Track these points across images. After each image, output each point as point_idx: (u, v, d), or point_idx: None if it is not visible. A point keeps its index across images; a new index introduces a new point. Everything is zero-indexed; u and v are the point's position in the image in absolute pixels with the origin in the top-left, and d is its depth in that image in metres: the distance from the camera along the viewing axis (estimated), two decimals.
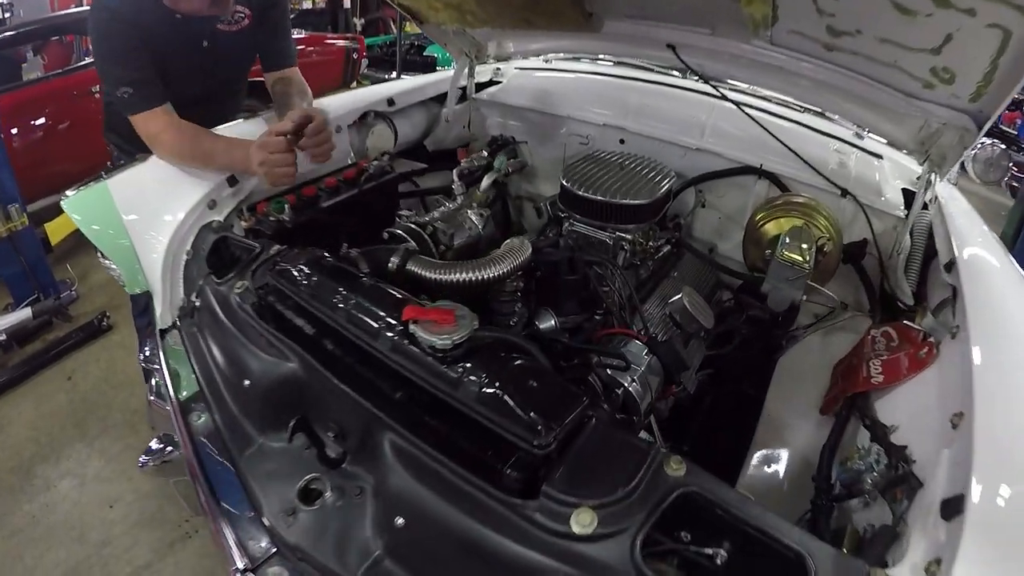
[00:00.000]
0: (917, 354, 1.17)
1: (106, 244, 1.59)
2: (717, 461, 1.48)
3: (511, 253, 1.20)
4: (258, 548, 0.98)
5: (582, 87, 2.13)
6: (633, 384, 1.16)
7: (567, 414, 0.80)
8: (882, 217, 1.60)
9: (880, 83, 1.37)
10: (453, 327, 0.87)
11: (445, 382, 0.85)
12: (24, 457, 2.36)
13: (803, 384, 1.47)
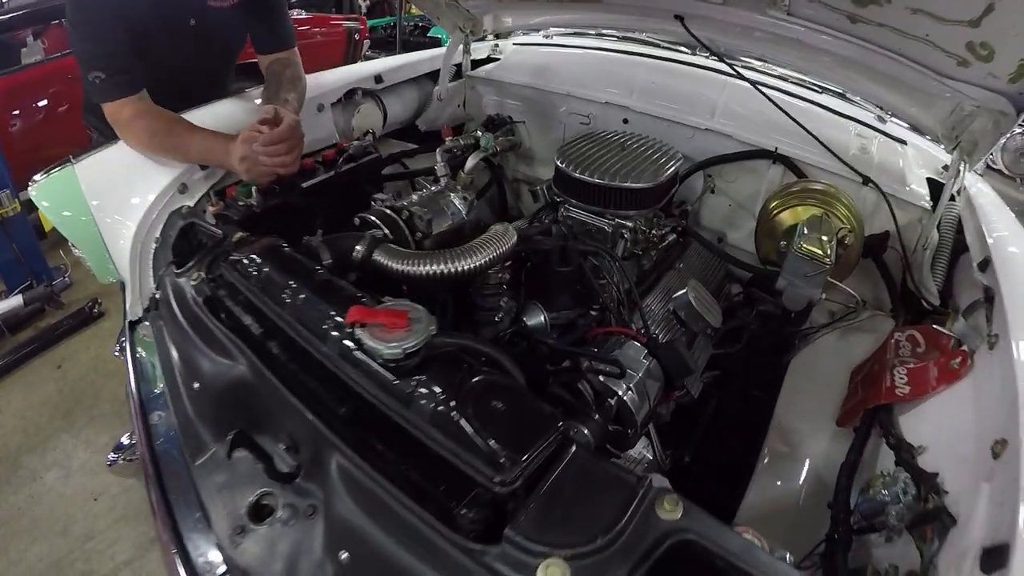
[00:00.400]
0: (948, 364, 1.04)
1: (73, 232, 1.51)
2: (721, 472, 1.38)
3: (490, 242, 1.08)
4: (207, 566, 0.91)
5: (584, 63, 1.99)
6: (629, 393, 1.04)
7: (537, 443, 0.67)
8: (906, 208, 1.46)
9: (909, 60, 1.23)
10: (405, 332, 0.75)
11: (394, 398, 0.73)
12: (11, 448, 2.32)
13: (817, 389, 1.36)
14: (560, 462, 0.67)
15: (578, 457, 0.68)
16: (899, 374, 1.12)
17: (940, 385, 1.03)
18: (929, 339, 1.20)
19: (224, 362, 1.05)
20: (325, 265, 1.11)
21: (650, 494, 0.65)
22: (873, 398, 1.12)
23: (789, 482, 1.15)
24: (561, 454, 0.68)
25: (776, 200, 1.50)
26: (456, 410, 0.69)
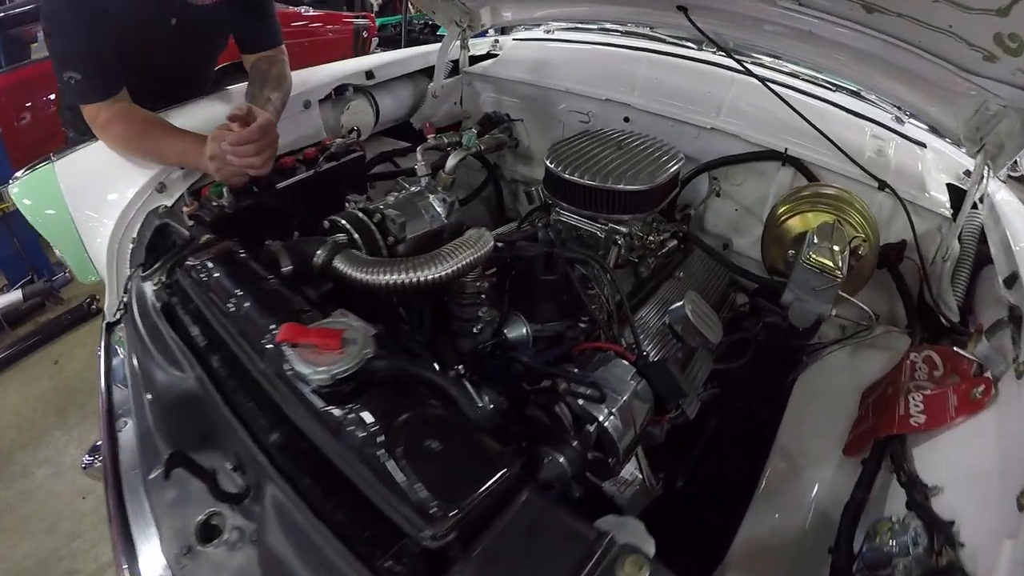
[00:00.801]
0: (970, 393, 0.94)
1: (52, 231, 1.48)
2: (717, 498, 1.28)
3: (459, 249, 1.00)
4: None
5: (584, 58, 1.90)
6: (611, 419, 0.95)
7: (476, 491, 0.58)
8: (925, 216, 1.35)
9: (929, 54, 1.12)
10: (337, 355, 0.66)
11: (322, 427, 0.65)
12: (5, 443, 2.32)
13: (825, 410, 1.25)
14: (508, 511, 0.58)
15: (530, 506, 0.59)
16: (914, 401, 1.02)
17: (960, 416, 0.92)
18: (948, 361, 1.09)
19: (176, 373, 1.00)
20: (285, 272, 1.04)
21: (610, 554, 0.56)
22: (885, 427, 1.02)
23: (788, 516, 1.05)
24: (510, 503, 0.59)
25: (785, 205, 1.39)
26: (384, 447, 0.60)
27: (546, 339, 1.28)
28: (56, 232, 1.44)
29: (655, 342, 1.26)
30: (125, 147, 1.40)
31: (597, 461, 0.97)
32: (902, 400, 1.03)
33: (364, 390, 0.68)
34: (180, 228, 1.30)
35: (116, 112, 1.38)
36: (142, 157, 1.41)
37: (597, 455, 0.97)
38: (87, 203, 1.41)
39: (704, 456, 1.37)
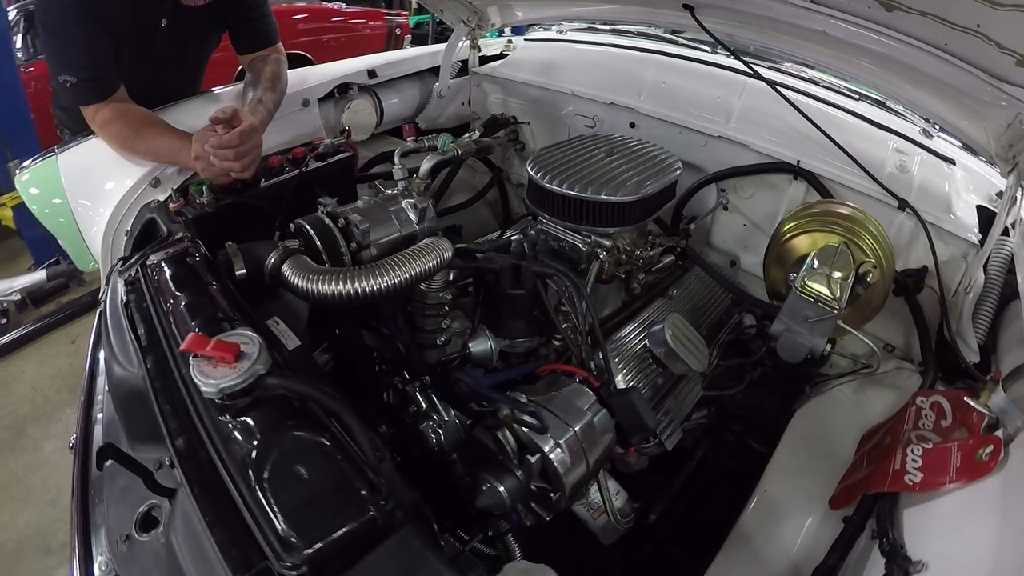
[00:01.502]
0: (975, 452, 0.81)
1: (52, 221, 1.53)
2: (691, 537, 1.18)
3: (407, 259, 0.94)
4: (102, 564, 0.92)
5: (592, 60, 1.81)
6: (557, 451, 0.88)
7: (336, 528, 0.55)
8: (949, 240, 1.20)
9: (956, 58, 0.99)
10: (230, 369, 0.64)
11: (212, 439, 0.64)
12: (19, 416, 2.41)
13: (820, 451, 1.15)
14: (381, 549, 0.55)
15: (403, 547, 0.55)
16: (913, 454, 0.90)
17: (960, 480, 0.80)
18: (958, 408, 0.96)
19: (130, 369, 1.00)
20: (239, 275, 1.02)
21: None
22: (876, 482, 0.91)
23: (758, 569, 0.95)
24: (386, 538, 0.56)
25: (791, 222, 1.27)
26: (252, 468, 0.58)
27: (518, 355, 1.22)
28: (56, 221, 1.48)
29: (633, 367, 1.17)
30: (121, 145, 1.42)
31: (542, 492, 0.90)
32: (900, 452, 0.91)
33: (258, 406, 0.65)
34: (163, 224, 1.31)
35: (112, 112, 1.40)
36: (137, 155, 1.42)
37: (542, 486, 0.90)
38: (85, 194, 1.44)
39: (684, 490, 1.27)
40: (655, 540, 1.17)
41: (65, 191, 1.48)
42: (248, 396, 0.64)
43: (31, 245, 3.05)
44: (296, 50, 4.31)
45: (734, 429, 1.40)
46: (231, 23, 1.62)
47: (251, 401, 0.65)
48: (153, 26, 1.51)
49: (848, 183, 1.31)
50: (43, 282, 2.91)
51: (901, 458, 0.90)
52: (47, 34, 1.40)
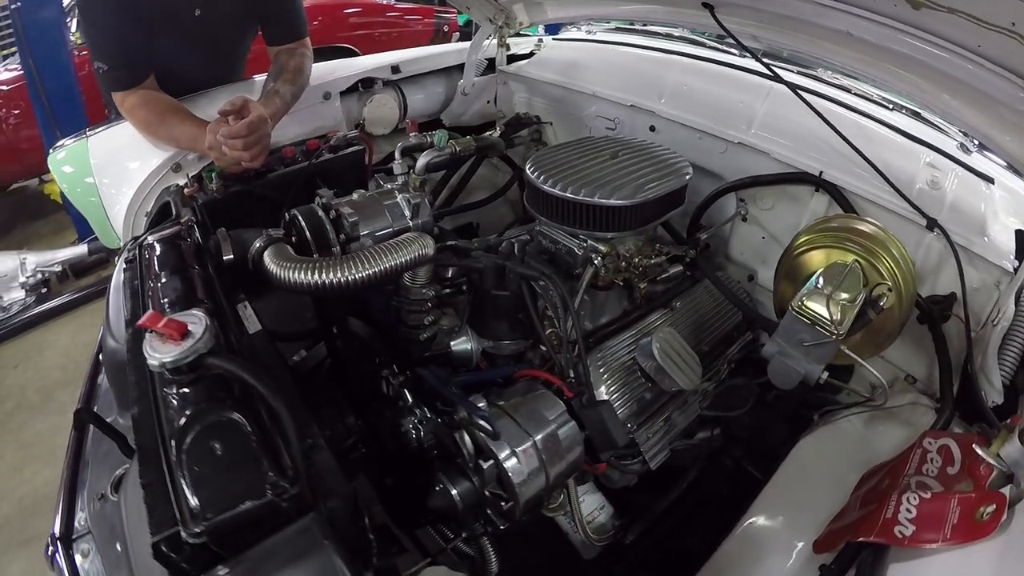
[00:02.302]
0: (976, 511, 0.72)
1: (80, 199, 1.63)
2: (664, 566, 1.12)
3: (385, 251, 0.94)
4: (81, 520, 1.04)
5: (614, 61, 1.76)
6: (512, 459, 0.85)
7: (233, 504, 0.57)
8: (980, 266, 1.09)
9: (991, 63, 0.88)
10: (174, 346, 0.66)
11: (161, 408, 0.68)
12: (49, 381, 2.59)
13: (817, 485, 1.06)
14: (287, 531, 0.57)
15: (306, 534, 0.57)
16: (908, 503, 0.81)
17: (954, 540, 0.72)
18: (967, 455, 0.86)
19: (119, 342, 1.06)
20: (226, 260, 1.05)
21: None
22: (864, 529, 0.83)
23: None
24: (293, 522, 0.58)
25: (806, 235, 1.18)
26: (177, 439, 0.62)
27: (504, 358, 1.20)
28: (86, 200, 1.59)
29: (619, 379, 1.13)
30: (146, 130, 1.50)
31: (497, 499, 0.88)
32: (894, 499, 0.83)
33: (199, 383, 0.69)
34: (176, 207, 1.38)
35: (140, 99, 1.48)
36: (160, 140, 1.50)
37: (498, 493, 0.88)
38: (111, 175, 1.54)
39: (669, 513, 1.21)
40: (628, 562, 1.11)
41: (93, 171, 1.58)
42: (193, 372, 0.67)
43: (76, 220, 3.27)
44: (344, 43, 4.42)
45: (733, 453, 1.32)
46: (261, 14, 1.68)
47: (195, 377, 0.68)
48: (187, 15, 1.58)
49: (873, 198, 1.20)
50: (84, 256, 3.14)
51: (895, 506, 0.81)
52: (85, 22, 1.50)
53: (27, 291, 2.99)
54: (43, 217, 3.99)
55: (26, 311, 2.93)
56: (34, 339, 2.85)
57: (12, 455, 2.25)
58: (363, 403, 1.17)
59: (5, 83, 3.51)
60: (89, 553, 0.98)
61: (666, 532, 1.18)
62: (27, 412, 2.44)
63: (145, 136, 1.52)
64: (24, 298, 2.97)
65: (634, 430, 1.11)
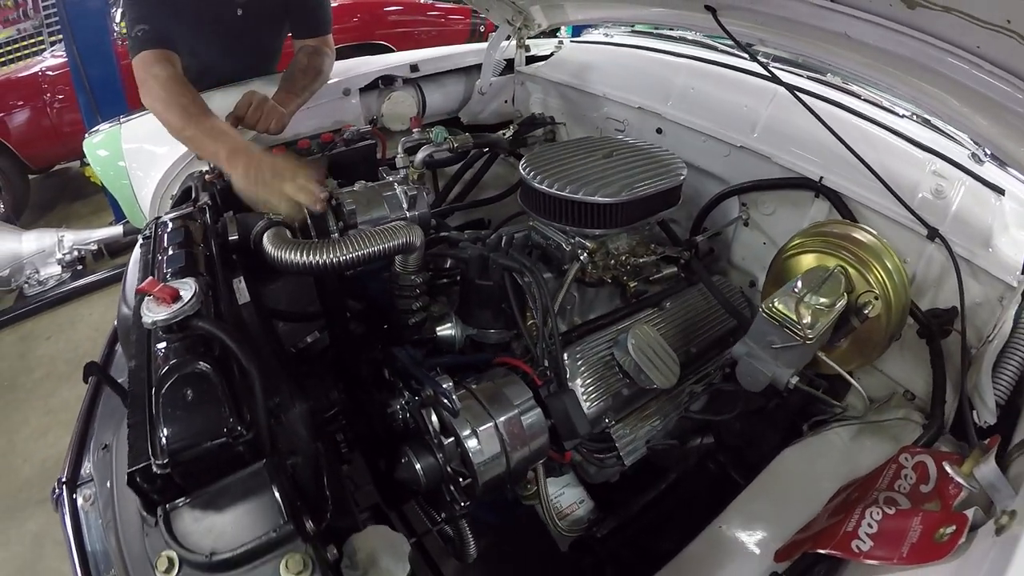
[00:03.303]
0: (936, 533, 0.70)
1: (113, 182, 1.75)
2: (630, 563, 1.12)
3: (372, 237, 0.98)
4: (87, 468, 1.12)
5: (626, 63, 1.76)
6: (472, 439, 0.87)
7: (198, 442, 0.64)
8: (984, 280, 1.04)
9: (990, 64, 0.85)
10: (167, 307, 0.73)
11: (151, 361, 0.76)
12: (80, 353, 2.73)
13: (792, 496, 1.04)
14: (241, 472, 0.65)
15: (257, 476, 0.64)
16: (871, 518, 0.79)
17: (909, 560, 0.70)
18: (941, 475, 0.83)
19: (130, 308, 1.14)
20: (232, 241, 1.11)
21: (284, 546, 0.59)
22: (823, 540, 0.81)
23: None
24: (247, 465, 0.65)
25: (798, 239, 1.17)
26: (157, 385, 0.69)
27: (490, 346, 1.22)
28: (118, 182, 1.70)
29: (596, 373, 1.13)
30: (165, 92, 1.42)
31: (457, 475, 0.90)
32: (858, 512, 0.81)
33: (185, 340, 0.75)
34: (196, 191, 1.46)
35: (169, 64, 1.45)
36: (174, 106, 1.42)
37: (460, 470, 0.90)
38: (140, 160, 1.65)
39: (644, 512, 1.20)
40: (597, 556, 1.11)
41: (125, 156, 1.68)
42: (181, 332, 0.74)
43: (113, 203, 3.38)
44: (383, 41, 4.52)
45: (719, 458, 1.30)
46: (290, 8, 1.74)
47: (182, 336, 0.75)
48: (230, 14, 1.66)
49: (874, 205, 1.17)
50: (119, 236, 3.30)
51: (857, 519, 0.79)
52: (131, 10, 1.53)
53: (63, 267, 3.16)
54: (83, 198, 4.21)
55: (61, 286, 3.10)
56: (67, 313, 3.02)
57: (38, 420, 2.39)
58: (354, 383, 1.21)
59: (52, 69, 3.74)
60: (91, 498, 1.05)
61: (640, 530, 1.17)
62: (56, 381, 2.58)
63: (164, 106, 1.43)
64: (60, 273, 3.15)
65: (610, 424, 1.11)
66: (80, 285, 3.12)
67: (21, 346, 2.82)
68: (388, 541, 0.68)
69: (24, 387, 2.57)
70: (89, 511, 1.08)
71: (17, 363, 2.71)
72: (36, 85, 3.71)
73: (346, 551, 0.69)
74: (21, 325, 2.95)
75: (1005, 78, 0.87)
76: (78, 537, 1.02)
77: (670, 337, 1.21)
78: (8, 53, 4.35)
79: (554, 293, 1.15)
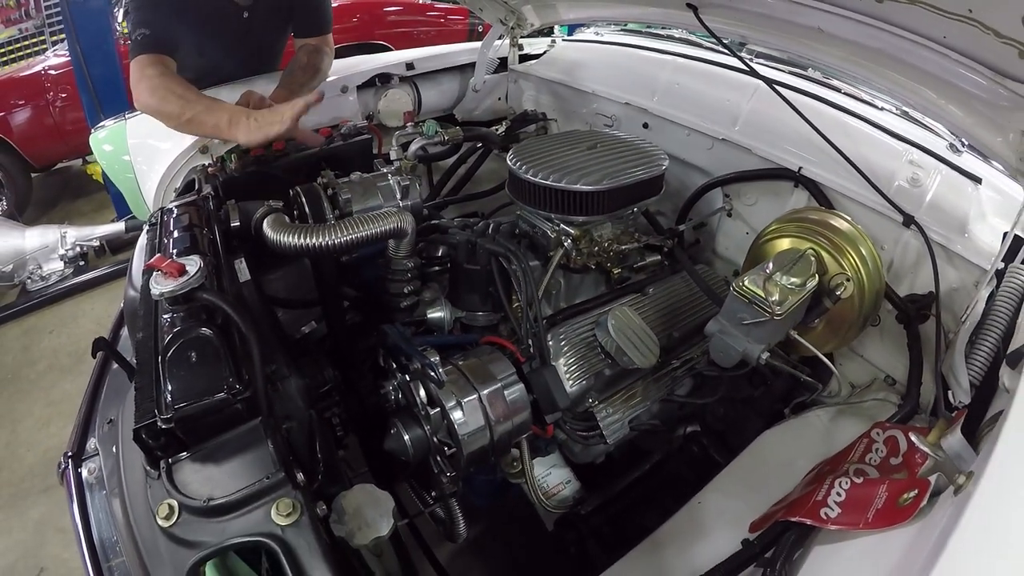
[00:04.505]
0: (899, 498, 0.73)
1: (118, 176, 1.80)
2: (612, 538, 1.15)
3: (365, 221, 1.02)
4: (91, 444, 1.17)
5: (614, 61, 1.81)
6: (457, 410, 0.91)
7: (200, 399, 0.70)
8: (960, 265, 1.08)
9: (958, 53, 0.89)
10: (174, 281, 0.78)
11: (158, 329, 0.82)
12: (81, 347, 2.76)
13: (771, 473, 1.08)
14: (238, 429, 0.70)
15: (253, 432, 0.70)
16: (839, 487, 0.82)
17: (875, 524, 0.73)
18: (910, 447, 0.86)
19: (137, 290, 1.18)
20: (233, 227, 1.16)
21: (275, 492, 0.64)
22: (794, 509, 0.84)
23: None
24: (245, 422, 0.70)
25: (775, 225, 1.21)
26: (163, 350, 0.74)
27: (479, 328, 1.25)
28: (123, 176, 1.75)
29: (578, 353, 1.16)
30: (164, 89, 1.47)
31: (443, 446, 0.93)
32: (828, 483, 0.84)
33: (191, 310, 0.80)
34: (199, 183, 1.50)
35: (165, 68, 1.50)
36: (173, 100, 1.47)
37: (446, 441, 0.94)
38: (145, 154, 1.69)
39: (627, 491, 1.23)
40: (579, 532, 1.15)
41: (130, 150, 1.73)
42: (186, 303, 0.79)
43: (115, 199, 3.49)
44: (382, 41, 4.58)
45: (702, 441, 1.33)
46: (299, 10, 1.79)
47: (187, 307, 0.80)
48: (235, 14, 1.70)
49: (851, 194, 1.21)
50: (121, 233, 3.35)
51: (827, 489, 0.83)
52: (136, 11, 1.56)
53: (66, 263, 3.21)
54: (85, 195, 4.26)
55: (64, 281, 3.15)
56: (70, 308, 3.06)
57: (41, 411, 2.43)
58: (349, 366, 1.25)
59: (54, 68, 3.79)
60: (95, 471, 1.09)
61: (623, 508, 1.21)
62: (58, 373, 2.62)
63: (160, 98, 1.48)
64: (63, 269, 3.19)
65: (594, 404, 1.15)
66: (82, 281, 3.16)
67: (24, 339, 2.86)
68: (373, 498, 0.72)
69: (28, 379, 2.61)
70: (94, 484, 1.13)
71: (21, 356, 2.75)
72: (39, 84, 3.76)
73: (334, 508, 0.73)
74: (24, 319, 3.00)
75: (971, 66, 0.91)
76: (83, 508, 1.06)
77: (653, 321, 1.25)
78: (10, 52, 4.41)
79: (539, 278, 1.19)
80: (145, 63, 1.49)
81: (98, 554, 0.94)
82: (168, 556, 0.62)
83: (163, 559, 0.63)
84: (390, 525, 0.70)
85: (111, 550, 0.93)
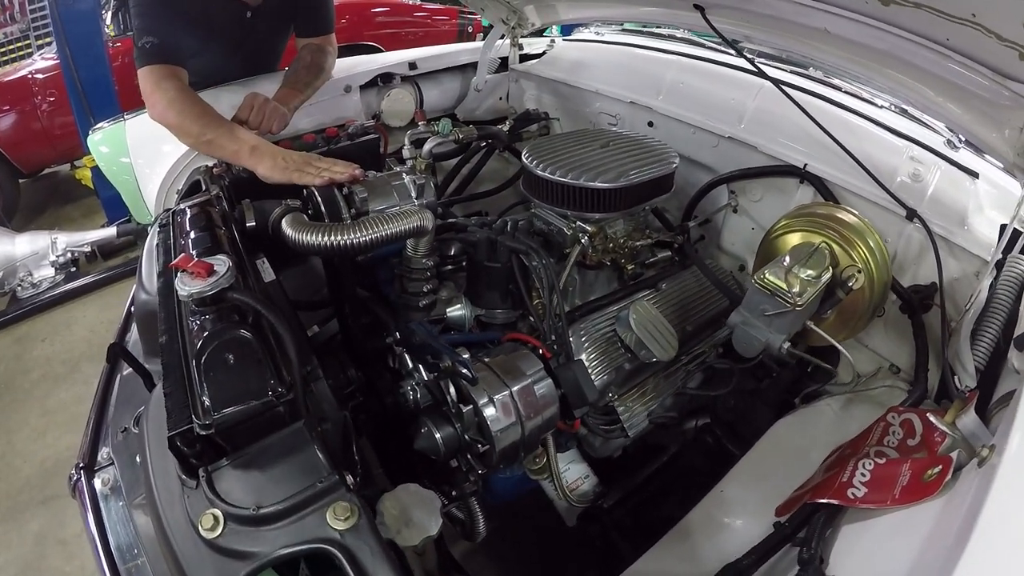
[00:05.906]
0: (924, 474, 0.77)
1: (116, 177, 1.78)
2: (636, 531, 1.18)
3: (387, 220, 1.03)
4: (103, 453, 1.15)
5: (617, 60, 1.84)
6: (489, 406, 0.92)
7: (241, 404, 0.68)
8: (961, 257, 1.13)
9: (960, 55, 0.93)
10: (202, 281, 0.77)
11: (185, 332, 0.80)
12: (76, 353, 2.73)
13: (789, 460, 1.11)
14: (281, 432, 0.68)
15: (298, 435, 0.68)
16: (863, 468, 0.86)
17: (902, 500, 0.76)
18: (926, 428, 0.90)
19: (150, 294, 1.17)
20: (249, 227, 1.16)
21: (329, 495, 0.62)
22: (820, 491, 0.87)
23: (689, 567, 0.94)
24: (287, 424, 0.69)
25: (785, 220, 1.24)
26: (197, 353, 0.72)
27: (497, 326, 1.27)
28: (122, 178, 1.73)
29: (599, 348, 1.19)
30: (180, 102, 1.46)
31: (475, 443, 0.95)
32: (852, 464, 0.87)
33: (219, 311, 0.79)
34: (205, 184, 1.50)
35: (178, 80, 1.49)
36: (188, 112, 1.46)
37: (477, 439, 0.95)
38: (145, 156, 1.67)
39: (647, 483, 1.26)
40: (603, 524, 1.17)
41: (130, 152, 1.71)
42: (215, 304, 0.78)
43: (106, 204, 3.44)
44: (371, 42, 4.57)
45: (715, 432, 1.36)
46: (301, 10, 1.78)
47: (217, 308, 0.78)
48: (240, 15, 1.69)
49: (856, 189, 1.25)
50: (112, 238, 3.29)
51: (851, 471, 0.86)
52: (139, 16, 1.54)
53: (57, 269, 3.15)
54: (74, 201, 4.18)
55: (55, 288, 3.09)
56: (62, 315, 3.01)
57: (36, 421, 2.38)
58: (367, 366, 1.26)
59: (41, 72, 3.71)
60: (109, 482, 1.07)
61: (643, 500, 1.23)
62: (52, 382, 2.58)
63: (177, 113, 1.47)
64: (54, 276, 3.13)
65: (613, 399, 1.18)
66: (74, 287, 3.11)
67: (17, 348, 2.81)
68: (420, 498, 0.73)
69: (22, 388, 2.56)
70: (109, 495, 1.12)
71: (13, 365, 2.70)
72: (25, 88, 3.68)
73: (379, 510, 0.74)
74: (16, 327, 2.93)
75: (972, 67, 0.95)
76: (98, 521, 1.05)
77: (667, 316, 1.27)
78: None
79: (557, 275, 1.21)
80: (160, 75, 1.48)
81: (117, 567, 0.93)
82: (215, 569, 0.60)
83: (209, 572, 0.61)
84: (439, 524, 0.71)
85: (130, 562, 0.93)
